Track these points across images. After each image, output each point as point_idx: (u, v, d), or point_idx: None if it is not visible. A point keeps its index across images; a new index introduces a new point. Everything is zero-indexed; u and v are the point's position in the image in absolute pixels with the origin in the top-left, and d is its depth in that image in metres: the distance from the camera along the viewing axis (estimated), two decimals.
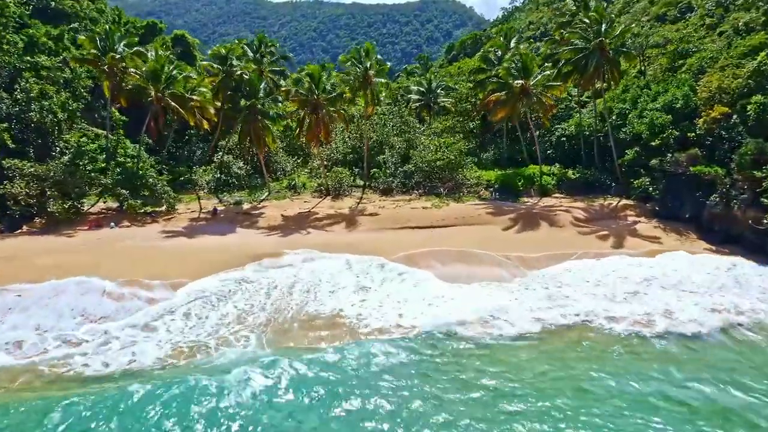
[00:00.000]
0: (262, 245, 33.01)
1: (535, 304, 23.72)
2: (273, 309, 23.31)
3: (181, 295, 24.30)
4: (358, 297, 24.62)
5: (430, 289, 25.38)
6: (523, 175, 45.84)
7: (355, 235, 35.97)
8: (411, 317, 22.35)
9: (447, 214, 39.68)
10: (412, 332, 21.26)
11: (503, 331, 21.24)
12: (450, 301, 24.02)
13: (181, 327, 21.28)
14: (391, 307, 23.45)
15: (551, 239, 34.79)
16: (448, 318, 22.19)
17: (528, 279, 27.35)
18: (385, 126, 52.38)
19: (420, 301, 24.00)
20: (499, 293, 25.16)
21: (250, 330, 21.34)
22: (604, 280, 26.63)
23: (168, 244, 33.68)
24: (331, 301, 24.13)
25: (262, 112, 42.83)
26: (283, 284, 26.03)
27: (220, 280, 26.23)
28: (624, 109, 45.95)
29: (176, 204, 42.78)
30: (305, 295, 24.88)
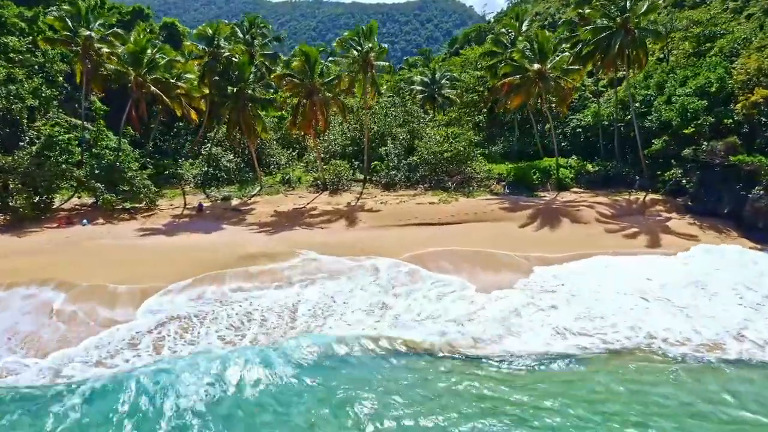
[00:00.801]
0: (251, 244, 29.16)
1: (565, 319, 19.71)
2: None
3: (146, 316, 19.70)
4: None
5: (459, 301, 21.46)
6: (538, 167, 41.96)
7: (354, 233, 32.13)
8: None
9: (456, 209, 35.82)
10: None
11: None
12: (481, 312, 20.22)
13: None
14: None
15: (575, 237, 30.95)
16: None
17: (549, 283, 23.41)
18: (387, 116, 48.53)
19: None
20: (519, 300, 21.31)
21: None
22: (646, 287, 22.64)
23: (144, 243, 29.85)
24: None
25: (253, 98, 38.97)
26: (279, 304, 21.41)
27: (191, 299, 21.51)
28: (648, 95, 42.12)
29: (158, 199, 38.91)
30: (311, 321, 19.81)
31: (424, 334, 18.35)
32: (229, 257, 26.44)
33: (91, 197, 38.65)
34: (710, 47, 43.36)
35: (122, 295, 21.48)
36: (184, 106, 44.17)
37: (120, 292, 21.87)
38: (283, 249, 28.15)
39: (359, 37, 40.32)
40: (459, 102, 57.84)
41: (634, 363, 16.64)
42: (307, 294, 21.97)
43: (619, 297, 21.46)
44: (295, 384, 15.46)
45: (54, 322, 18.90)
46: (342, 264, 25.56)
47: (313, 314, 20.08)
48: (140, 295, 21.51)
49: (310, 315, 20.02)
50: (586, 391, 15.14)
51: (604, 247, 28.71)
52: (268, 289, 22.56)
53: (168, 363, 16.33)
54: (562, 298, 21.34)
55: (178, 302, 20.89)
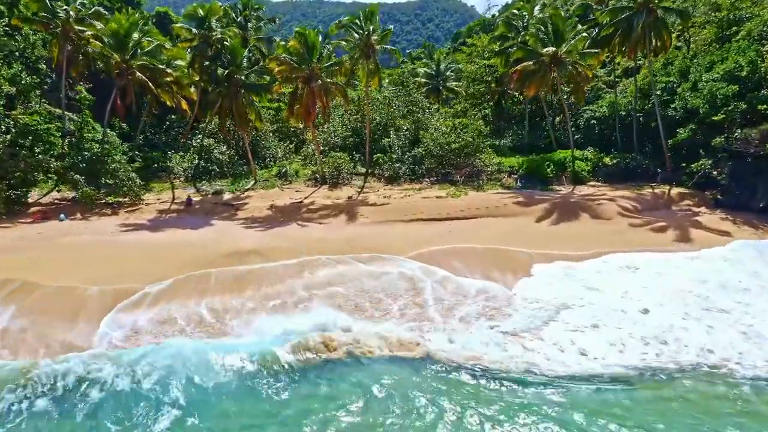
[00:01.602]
0: (242, 241, 26.39)
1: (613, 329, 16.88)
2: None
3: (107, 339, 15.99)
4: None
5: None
6: (552, 160, 39.17)
7: (356, 229, 29.36)
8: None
9: (466, 204, 33.02)
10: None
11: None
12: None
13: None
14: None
15: (597, 233, 28.12)
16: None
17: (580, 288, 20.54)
18: (390, 106, 45.74)
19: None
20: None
21: None
22: (692, 288, 19.77)
23: (125, 240, 27.09)
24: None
25: (246, 84, 36.20)
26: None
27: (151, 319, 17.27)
28: (670, 82, 39.35)
29: (144, 193, 36.22)
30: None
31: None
32: (217, 255, 23.65)
33: (73, 191, 35.96)
34: (735, 32, 40.50)
35: (90, 301, 18.65)
36: (174, 94, 41.50)
37: (89, 295, 19.09)
38: (277, 245, 25.40)
39: (360, 21, 37.56)
40: (464, 94, 55.17)
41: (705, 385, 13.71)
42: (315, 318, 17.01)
43: (666, 304, 18.44)
44: None
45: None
46: (353, 267, 22.08)
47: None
48: (111, 300, 18.69)
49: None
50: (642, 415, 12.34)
51: (630, 244, 25.87)
52: (257, 314, 17.60)
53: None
54: (603, 305, 18.36)
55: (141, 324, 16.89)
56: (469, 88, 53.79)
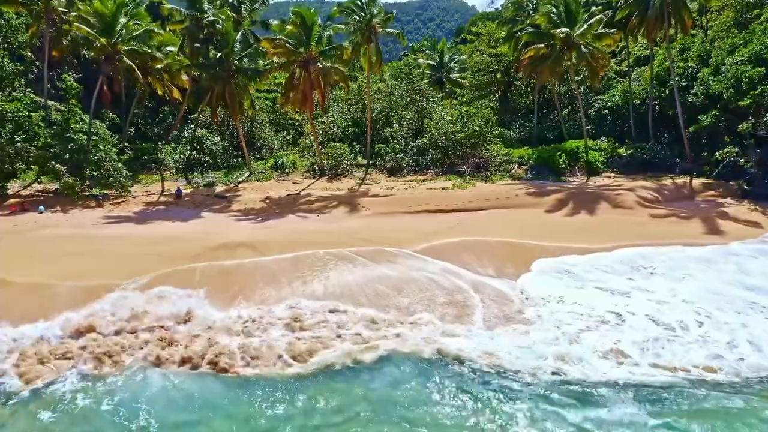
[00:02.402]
0: (233, 233, 24.25)
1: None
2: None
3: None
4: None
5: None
6: (564, 150, 37.01)
7: (357, 221, 27.22)
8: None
9: (474, 195, 30.88)
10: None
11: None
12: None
13: None
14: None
15: (617, 225, 25.95)
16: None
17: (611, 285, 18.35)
18: (392, 95, 43.57)
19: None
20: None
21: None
22: (742, 286, 17.51)
23: (106, 233, 24.91)
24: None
25: (239, 69, 34.05)
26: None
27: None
28: (690, 68, 37.18)
29: (132, 185, 34.10)
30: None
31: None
32: (205, 248, 21.48)
33: (56, 183, 33.86)
34: (756, 15, 38.38)
35: (59, 300, 16.45)
36: (165, 82, 39.36)
37: (59, 293, 16.91)
38: (270, 238, 23.26)
39: (362, 2, 35.37)
40: (468, 85, 53.10)
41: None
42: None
43: (722, 306, 16.01)
44: None
45: None
46: (368, 266, 19.15)
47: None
48: (83, 299, 16.49)
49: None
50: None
51: (654, 237, 23.68)
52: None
53: None
54: (642, 304, 16.09)
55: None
56: (474, 79, 51.59)
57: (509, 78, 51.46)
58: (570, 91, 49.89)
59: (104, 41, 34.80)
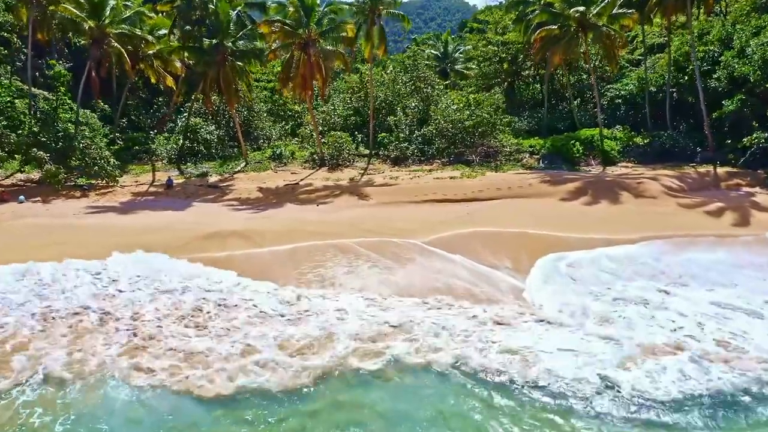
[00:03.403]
0: (225, 223, 22.34)
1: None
2: None
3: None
4: None
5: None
6: (578, 138, 35.03)
7: (359, 211, 25.29)
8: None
9: (484, 184, 28.92)
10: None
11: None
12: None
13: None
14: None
15: (642, 215, 23.97)
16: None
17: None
18: (396, 82, 41.60)
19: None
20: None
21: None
22: None
23: (87, 223, 23.01)
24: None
25: (234, 52, 32.13)
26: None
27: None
28: (711, 51, 35.22)
29: (120, 175, 32.20)
30: None
31: None
32: (192, 237, 19.59)
33: (40, 172, 31.98)
34: None
35: None
36: (157, 68, 37.50)
37: None
38: (266, 228, 21.34)
39: None
40: (472, 76, 51.23)
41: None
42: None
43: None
44: None
45: None
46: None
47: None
48: None
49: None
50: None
51: (684, 227, 21.65)
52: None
53: None
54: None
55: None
56: (481, 69, 49.65)
57: (516, 68, 49.60)
58: (580, 81, 48.01)
59: (92, 23, 32.99)
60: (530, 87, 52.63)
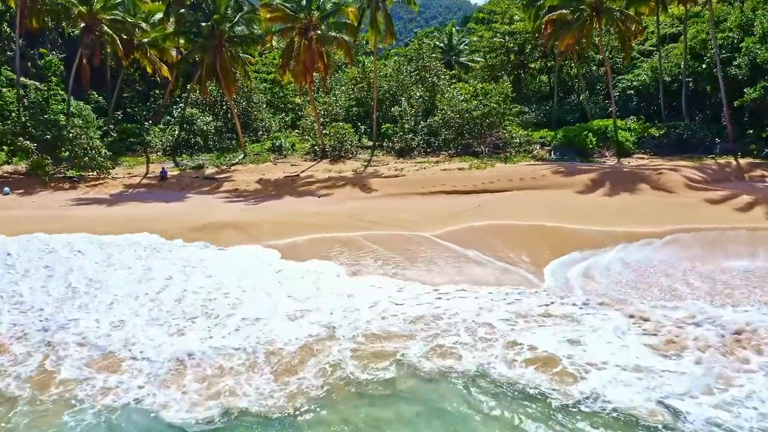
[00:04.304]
0: (220, 214, 20.91)
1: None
2: None
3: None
4: None
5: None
6: (591, 129, 33.50)
7: (364, 203, 23.83)
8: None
9: (495, 175, 27.40)
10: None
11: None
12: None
13: None
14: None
15: (663, 207, 22.41)
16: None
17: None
18: (400, 72, 40.08)
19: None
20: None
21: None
22: None
23: (72, 215, 21.61)
24: None
25: (231, 37, 30.66)
26: None
27: None
28: (729, 38, 33.68)
29: (113, 167, 30.81)
30: None
31: None
32: (183, 229, 18.22)
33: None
34: None
35: None
36: (151, 57, 36.03)
37: None
38: (262, 219, 19.91)
39: None
40: (477, 68, 49.71)
41: None
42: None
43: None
44: None
45: None
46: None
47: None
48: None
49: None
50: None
51: (711, 220, 20.16)
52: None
53: None
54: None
55: None
56: (487, 61, 48.12)
57: (523, 59, 48.07)
58: (590, 72, 46.48)
59: (82, 9, 31.53)
60: (536, 79, 51.16)
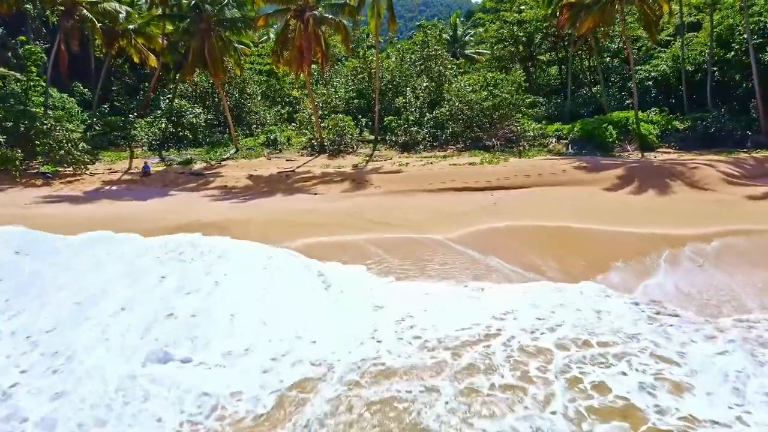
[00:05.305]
0: (203, 212, 18.43)
1: None
2: None
3: None
4: None
5: None
6: (611, 122, 30.94)
7: (364, 200, 21.32)
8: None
9: (510, 171, 24.89)
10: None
11: None
12: None
13: None
14: None
15: (703, 206, 19.95)
16: None
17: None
18: (405, 61, 37.56)
19: None
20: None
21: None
22: None
23: (33, 213, 19.13)
24: None
25: (220, 21, 28.16)
26: None
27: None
28: (761, 22, 31.13)
29: (92, 162, 28.33)
30: None
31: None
32: (155, 230, 15.73)
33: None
34: None
35: None
36: (137, 45, 33.55)
37: None
38: (251, 218, 17.44)
39: None
40: (484, 61, 47.31)
41: None
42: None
43: None
44: None
45: None
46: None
47: None
48: None
49: None
50: None
51: (760, 221, 17.63)
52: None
53: None
54: None
55: None
56: (494, 52, 45.64)
57: (533, 50, 45.60)
58: (603, 63, 44.00)
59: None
60: (546, 72, 48.73)
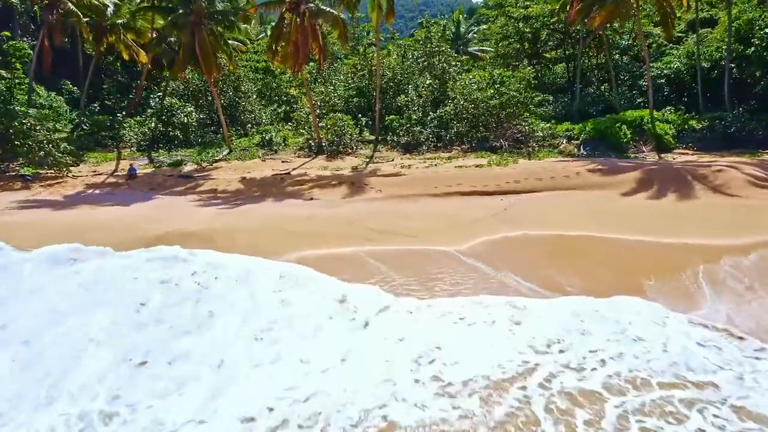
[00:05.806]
0: (186, 220, 16.82)
1: None
2: None
3: None
4: None
5: None
6: (625, 121, 29.33)
7: (362, 205, 19.71)
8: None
9: (520, 173, 23.26)
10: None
11: None
12: None
13: None
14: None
15: (732, 212, 18.34)
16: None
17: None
18: (406, 58, 35.98)
19: None
20: None
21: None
22: None
23: (7, 220, 17.55)
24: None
25: (211, 13, 26.55)
26: None
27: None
28: None
29: (75, 163, 26.79)
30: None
31: None
32: (135, 239, 14.15)
33: None
34: None
35: None
36: (126, 41, 31.99)
37: None
38: (240, 227, 15.83)
39: None
40: (488, 59, 45.75)
41: None
42: None
43: None
44: None
45: None
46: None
47: None
48: None
49: None
50: None
51: None
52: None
53: None
54: None
55: None
56: (497, 50, 44.11)
57: (539, 48, 44.04)
58: (613, 61, 42.45)
59: None
60: (551, 71, 47.19)
